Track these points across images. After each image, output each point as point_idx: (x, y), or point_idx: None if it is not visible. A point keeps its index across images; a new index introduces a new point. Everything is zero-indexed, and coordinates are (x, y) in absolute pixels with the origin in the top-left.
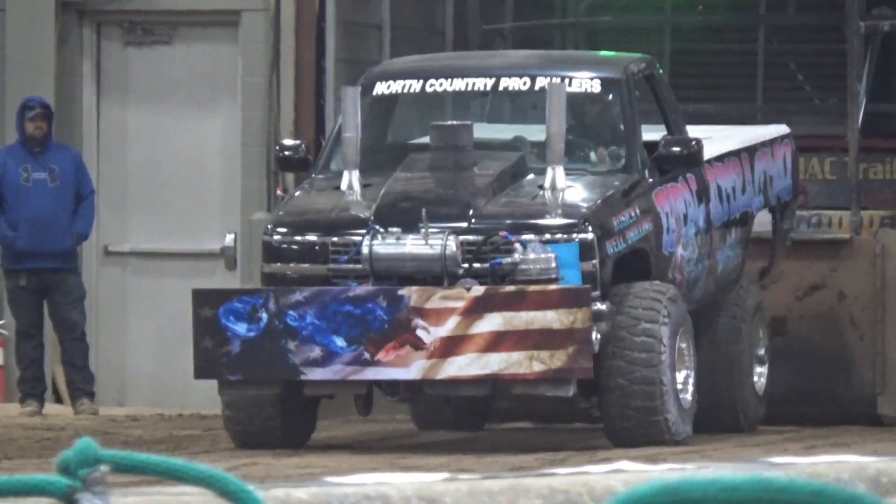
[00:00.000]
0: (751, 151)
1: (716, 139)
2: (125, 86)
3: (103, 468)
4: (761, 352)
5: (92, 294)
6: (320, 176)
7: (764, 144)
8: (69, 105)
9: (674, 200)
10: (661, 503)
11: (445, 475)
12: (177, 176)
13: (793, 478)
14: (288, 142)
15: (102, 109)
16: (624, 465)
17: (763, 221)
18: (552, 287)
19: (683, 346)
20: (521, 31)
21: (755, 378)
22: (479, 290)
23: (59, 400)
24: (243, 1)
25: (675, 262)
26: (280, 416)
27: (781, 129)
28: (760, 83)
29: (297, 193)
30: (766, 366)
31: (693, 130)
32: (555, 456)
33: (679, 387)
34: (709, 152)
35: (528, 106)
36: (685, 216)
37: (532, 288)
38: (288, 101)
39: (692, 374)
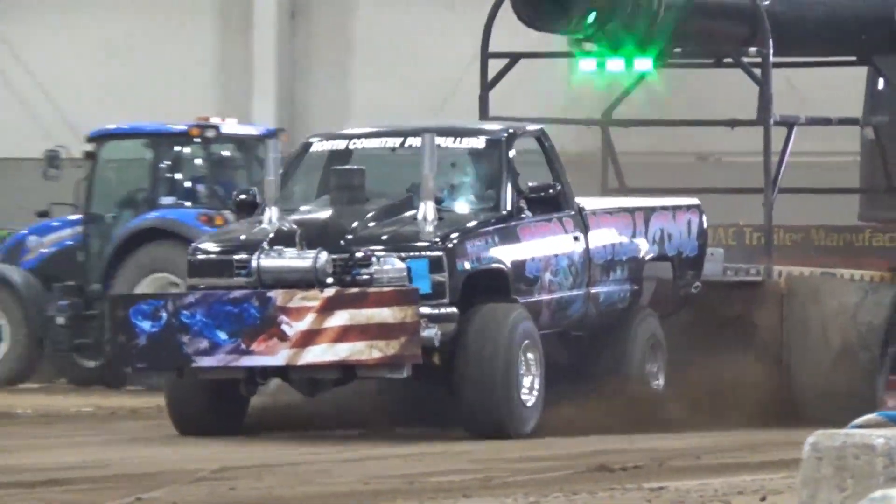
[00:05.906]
0: (647, 211)
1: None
2: None
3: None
4: (654, 369)
5: None
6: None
7: (664, 208)
8: None
9: (542, 235)
10: None
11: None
12: None
13: None
14: (243, 188)
15: None
16: None
17: (714, 271)
18: (387, 288)
19: (530, 356)
20: None
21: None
22: (330, 291)
23: None
24: None
25: (541, 283)
26: (211, 404)
27: (691, 200)
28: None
29: (226, 227)
30: (660, 382)
31: (610, 201)
32: None
33: (525, 389)
34: (597, 205)
35: (446, 163)
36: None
37: (371, 289)
38: None
39: (538, 380)
